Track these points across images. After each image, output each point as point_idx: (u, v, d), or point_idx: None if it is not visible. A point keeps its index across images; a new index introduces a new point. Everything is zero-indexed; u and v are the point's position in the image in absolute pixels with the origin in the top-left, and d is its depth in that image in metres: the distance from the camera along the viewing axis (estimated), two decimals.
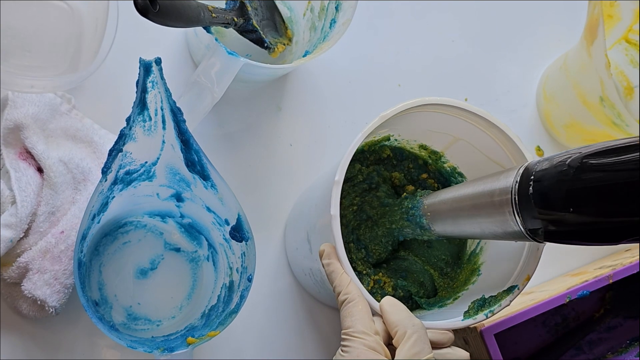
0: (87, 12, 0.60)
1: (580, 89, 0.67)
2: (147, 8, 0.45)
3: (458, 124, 0.53)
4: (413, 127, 0.55)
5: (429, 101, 0.49)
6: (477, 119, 0.51)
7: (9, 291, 0.55)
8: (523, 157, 0.50)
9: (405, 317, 0.44)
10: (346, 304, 0.44)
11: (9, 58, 0.58)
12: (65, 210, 0.56)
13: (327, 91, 0.69)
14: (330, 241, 0.47)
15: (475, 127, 0.52)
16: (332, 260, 0.46)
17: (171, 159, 0.51)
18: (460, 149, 0.56)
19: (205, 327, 0.52)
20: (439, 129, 0.55)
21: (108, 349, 0.58)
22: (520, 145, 0.50)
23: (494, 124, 0.51)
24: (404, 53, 0.72)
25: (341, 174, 0.47)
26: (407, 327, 0.43)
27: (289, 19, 0.67)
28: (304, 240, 0.56)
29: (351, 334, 0.42)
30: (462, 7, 0.75)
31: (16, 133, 0.56)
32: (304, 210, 0.59)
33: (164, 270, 0.60)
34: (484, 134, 0.52)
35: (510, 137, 0.51)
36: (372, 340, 0.42)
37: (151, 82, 0.44)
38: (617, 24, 0.74)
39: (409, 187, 0.60)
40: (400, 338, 0.43)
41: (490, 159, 0.54)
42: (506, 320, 0.57)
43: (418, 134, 0.57)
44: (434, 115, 0.52)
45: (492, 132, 0.52)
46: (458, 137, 0.55)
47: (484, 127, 0.52)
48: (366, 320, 0.43)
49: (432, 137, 0.57)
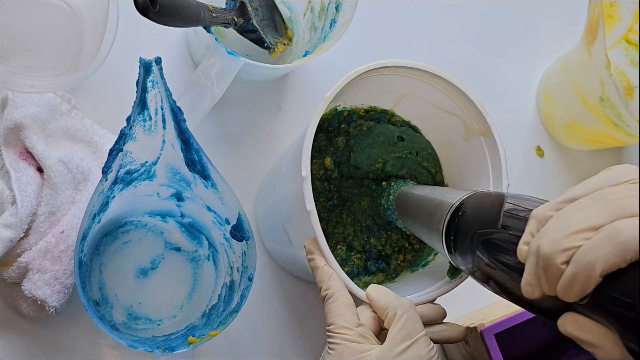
0: (87, 12, 0.60)
1: (581, 89, 0.67)
2: (147, 8, 0.45)
3: (401, 81, 0.53)
4: (359, 95, 0.56)
5: (367, 68, 0.50)
6: (420, 73, 0.52)
7: (9, 291, 0.55)
8: (471, 102, 0.52)
9: (393, 298, 0.44)
10: (327, 299, 0.44)
11: (9, 58, 0.58)
12: (66, 210, 0.56)
13: (327, 91, 0.69)
14: (308, 233, 0.47)
15: (419, 80, 0.53)
16: (314, 255, 0.46)
17: (171, 159, 0.51)
18: (408, 104, 0.57)
19: (206, 327, 0.52)
20: (383, 89, 0.55)
21: (109, 349, 0.58)
22: (466, 91, 0.52)
23: (436, 75, 0.51)
24: (404, 53, 0.72)
25: (306, 169, 0.46)
26: (397, 308, 0.43)
27: (289, 19, 0.67)
28: (281, 231, 0.56)
29: (333, 331, 0.42)
30: (462, 7, 0.75)
31: (16, 133, 0.56)
32: (274, 197, 0.58)
33: (164, 270, 0.60)
34: (428, 85, 0.53)
35: (455, 85, 0.52)
36: (354, 334, 0.42)
37: (151, 82, 0.44)
38: (617, 24, 0.75)
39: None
40: (391, 319, 0.43)
41: (439, 108, 0.55)
42: (506, 320, 0.57)
43: (365, 99, 0.58)
44: (376, 79, 0.52)
45: (437, 83, 0.53)
46: (404, 93, 0.56)
47: (428, 79, 0.53)
48: (346, 314, 0.43)
49: (378, 99, 0.58)
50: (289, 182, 0.52)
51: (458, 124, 0.55)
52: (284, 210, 0.54)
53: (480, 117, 0.52)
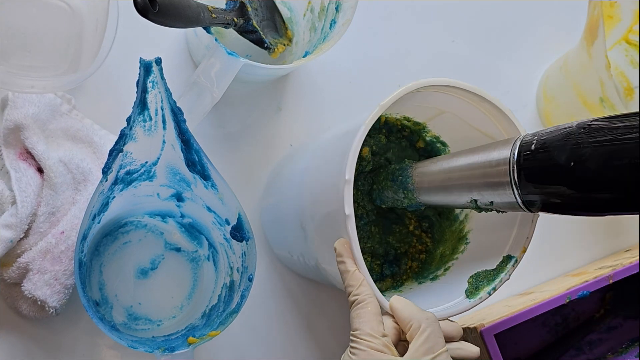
0: (87, 12, 0.60)
1: (581, 89, 0.67)
2: (146, 8, 0.45)
3: (446, 99, 0.52)
4: (399, 105, 0.55)
5: (424, 83, 0.49)
6: (468, 95, 0.51)
7: (9, 291, 0.55)
8: (515, 129, 0.50)
9: (418, 310, 0.44)
10: (356, 304, 0.44)
11: (9, 58, 0.58)
12: (66, 211, 0.56)
13: (327, 91, 0.69)
14: (339, 235, 0.46)
15: (464, 100, 0.52)
16: (345, 258, 0.45)
17: (172, 159, 0.51)
18: (444, 121, 0.56)
19: (206, 327, 0.52)
20: (426, 103, 0.55)
21: (109, 349, 0.58)
22: (512, 118, 0.50)
23: (485, 99, 0.50)
24: (404, 53, 0.73)
25: (350, 172, 0.45)
26: (422, 321, 0.43)
27: (289, 19, 0.67)
28: (297, 227, 0.55)
29: (358, 337, 0.43)
30: (462, 8, 0.75)
31: (16, 133, 0.56)
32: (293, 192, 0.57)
33: (164, 270, 0.60)
34: (472, 107, 0.52)
35: (502, 110, 0.50)
36: (379, 343, 0.42)
37: (151, 82, 0.44)
38: (617, 24, 0.75)
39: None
40: (415, 332, 0.43)
41: (479, 130, 0.54)
42: (506, 321, 0.57)
43: (404, 110, 0.57)
44: (423, 94, 0.52)
45: (483, 106, 0.51)
46: (443, 110, 0.55)
47: (475, 101, 0.51)
48: (374, 322, 0.43)
49: (416, 111, 0.57)
50: (319, 180, 0.51)
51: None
52: (306, 208, 0.53)
53: None
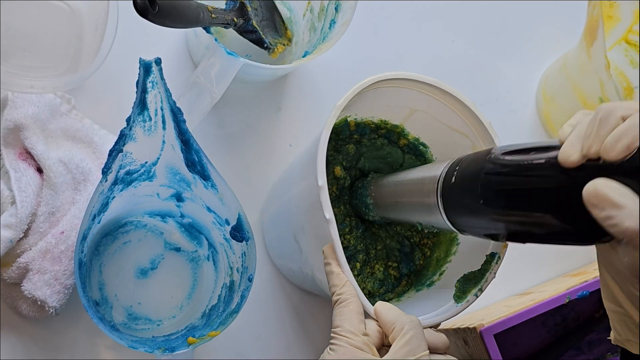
0: (87, 12, 0.60)
1: (580, 89, 0.67)
2: (146, 8, 0.45)
3: (413, 95, 0.52)
4: (368, 106, 0.55)
5: (379, 78, 0.49)
6: (431, 89, 0.51)
7: (9, 291, 0.55)
8: (480, 122, 0.51)
9: (401, 314, 0.44)
10: (338, 303, 0.44)
11: (9, 58, 0.58)
12: (65, 211, 0.56)
13: (327, 92, 0.69)
14: (324, 241, 0.47)
15: (430, 97, 0.52)
16: (330, 260, 0.46)
17: (171, 159, 0.51)
18: (418, 121, 0.56)
19: (206, 327, 0.52)
20: (393, 103, 0.55)
21: (108, 349, 0.58)
22: (475, 111, 0.51)
23: (447, 92, 0.51)
24: (404, 53, 0.73)
25: (322, 178, 0.46)
26: (405, 323, 0.43)
27: (288, 19, 0.67)
28: (291, 241, 0.56)
29: (338, 333, 0.42)
30: (462, 8, 0.75)
31: (16, 133, 0.56)
32: (284, 207, 0.58)
33: (164, 270, 0.60)
34: (438, 102, 0.52)
35: (465, 104, 0.51)
36: (359, 340, 0.42)
37: (151, 82, 0.44)
38: (617, 24, 0.75)
39: None
40: (397, 333, 0.42)
41: (451, 127, 0.54)
42: (506, 321, 0.57)
43: (375, 112, 0.57)
44: (387, 91, 0.52)
45: (447, 100, 0.52)
46: (414, 108, 0.55)
47: (439, 96, 0.52)
48: (355, 320, 0.43)
49: (388, 113, 0.57)
50: (301, 192, 0.51)
51: (466, 143, 0.54)
52: (296, 221, 0.54)
53: (489, 139, 0.51)
